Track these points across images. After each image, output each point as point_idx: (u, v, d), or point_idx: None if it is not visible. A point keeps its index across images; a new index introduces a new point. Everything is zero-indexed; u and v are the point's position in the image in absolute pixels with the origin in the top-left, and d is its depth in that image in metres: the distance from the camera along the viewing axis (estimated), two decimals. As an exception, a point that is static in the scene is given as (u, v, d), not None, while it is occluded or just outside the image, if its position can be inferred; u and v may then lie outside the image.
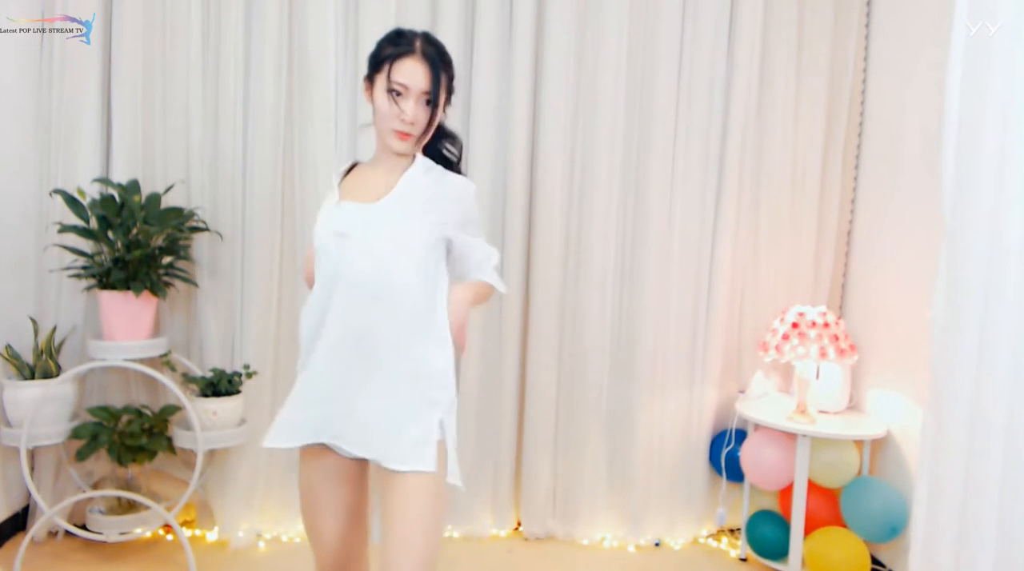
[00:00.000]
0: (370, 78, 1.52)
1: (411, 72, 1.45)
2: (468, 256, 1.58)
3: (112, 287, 2.43)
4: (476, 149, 2.74)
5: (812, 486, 2.63)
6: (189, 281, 2.61)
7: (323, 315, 1.49)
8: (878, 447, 2.70)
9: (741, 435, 2.87)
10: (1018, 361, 1.47)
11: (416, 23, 2.69)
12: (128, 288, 2.41)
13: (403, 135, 1.49)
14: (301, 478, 1.55)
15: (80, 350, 2.63)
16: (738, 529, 3.01)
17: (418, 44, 1.48)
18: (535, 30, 2.73)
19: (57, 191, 2.46)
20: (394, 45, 1.48)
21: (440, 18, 2.70)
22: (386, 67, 1.46)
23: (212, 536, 2.76)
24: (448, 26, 2.69)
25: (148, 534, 2.70)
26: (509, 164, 2.76)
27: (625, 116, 2.80)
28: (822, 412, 2.73)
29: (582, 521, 2.90)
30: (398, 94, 1.46)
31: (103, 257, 2.47)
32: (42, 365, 2.47)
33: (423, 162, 1.57)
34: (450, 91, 1.55)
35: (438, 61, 1.48)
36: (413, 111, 1.47)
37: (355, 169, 1.63)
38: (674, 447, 2.92)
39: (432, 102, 1.49)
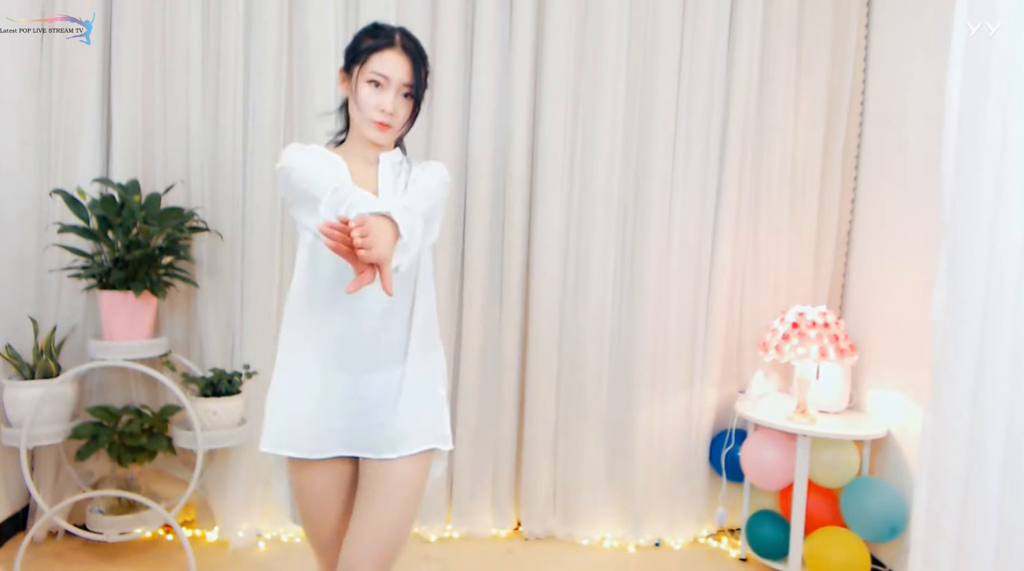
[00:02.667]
0: (347, 69, 1.52)
1: (392, 64, 1.47)
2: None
3: (112, 287, 2.43)
4: (476, 149, 2.74)
5: (812, 486, 2.63)
6: (189, 281, 2.61)
7: (330, 315, 1.46)
8: (878, 447, 2.70)
9: (741, 435, 2.87)
10: (1018, 361, 1.47)
11: (416, 23, 2.69)
12: (128, 288, 2.41)
13: (382, 126, 1.49)
14: (307, 487, 1.51)
15: (80, 350, 2.63)
16: (738, 529, 3.01)
17: (397, 38, 1.49)
18: (535, 30, 2.73)
19: (57, 191, 2.46)
20: (373, 37, 1.49)
21: (440, 17, 2.70)
22: (366, 58, 1.47)
23: (212, 536, 2.76)
24: (448, 25, 2.69)
25: (148, 534, 2.70)
26: (509, 164, 2.76)
27: (625, 116, 2.79)
28: (822, 412, 2.73)
29: (582, 521, 2.90)
30: (377, 85, 1.47)
31: (103, 257, 2.47)
32: (42, 365, 2.47)
33: (397, 153, 1.59)
34: (425, 87, 1.56)
35: (417, 55, 1.50)
36: (392, 103, 1.48)
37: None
38: (674, 447, 2.92)
39: (413, 95, 1.51)
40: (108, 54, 2.63)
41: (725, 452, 2.87)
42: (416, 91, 1.51)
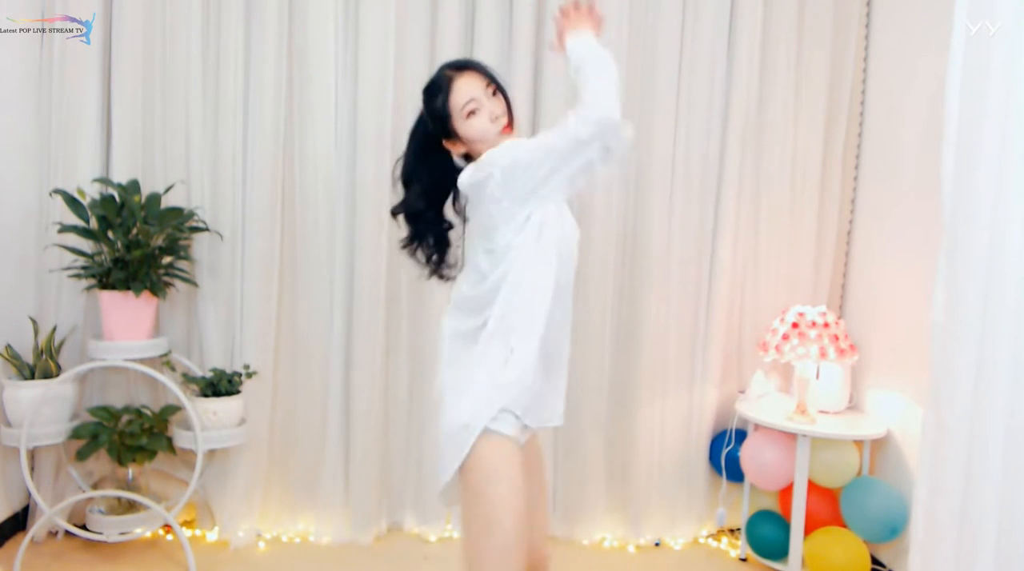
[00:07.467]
0: (447, 133, 1.62)
1: (466, 85, 1.59)
2: None
3: (112, 287, 2.43)
4: (476, 149, 2.74)
5: (812, 486, 2.63)
6: (189, 281, 2.61)
7: (555, 304, 1.58)
8: (878, 447, 2.70)
9: (741, 435, 2.87)
10: (1018, 361, 1.47)
11: (416, 23, 2.70)
12: (128, 288, 2.41)
13: (506, 129, 1.61)
14: (517, 468, 1.49)
15: (80, 350, 2.63)
16: (738, 529, 3.01)
17: (449, 72, 1.62)
18: (535, 30, 2.73)
19: (57, 191, 2.46)
20: (438, 89, 1.61)
21: (440, 17, 2.70)
22: (447, 107, 1.59)
23: (212, 536, 2.76)
24: (448, 26, 2.69)
25: (148, 534, 2.70)
26: (509, 164, 2.75)
27: (625, 116, 2.78)
28: (822, 412, 2.73)
29: (582, 521, 2.90)
30: (472, 112, 1.58)
31: (103, 257, 2.47)
32: (42, 365, 2.47)
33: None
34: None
35: (468, 61, 1.67)
36: (494, 107, 1.60)
37: None
38: (674, 447, 2.91)
39: (496, 87, 1.62)
40: (108, 54, 2.63)
41: (725, 452, 2.87)
42: (494, 81, 1.62)
